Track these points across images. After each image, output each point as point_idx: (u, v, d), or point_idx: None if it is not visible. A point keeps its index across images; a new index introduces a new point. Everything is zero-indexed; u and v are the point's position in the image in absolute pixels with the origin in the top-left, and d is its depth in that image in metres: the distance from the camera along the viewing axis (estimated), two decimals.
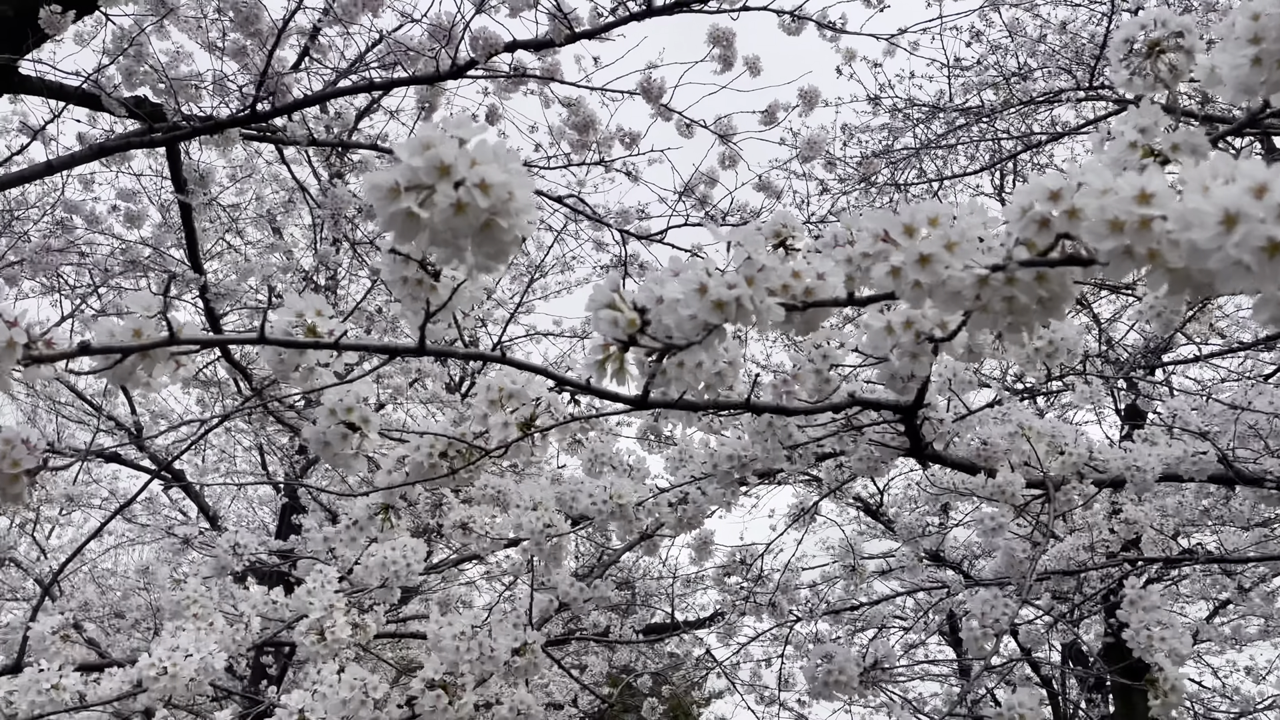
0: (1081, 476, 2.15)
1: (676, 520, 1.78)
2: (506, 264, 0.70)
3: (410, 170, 0.63)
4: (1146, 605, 1.56)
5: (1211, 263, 0.54)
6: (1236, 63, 0.86)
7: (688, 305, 0.75)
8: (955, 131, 4.78)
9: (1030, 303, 0.71)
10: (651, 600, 5.67)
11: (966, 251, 0.71)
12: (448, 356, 1.02)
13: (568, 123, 3.13)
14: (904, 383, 1.53)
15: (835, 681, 1.44)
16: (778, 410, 1.46)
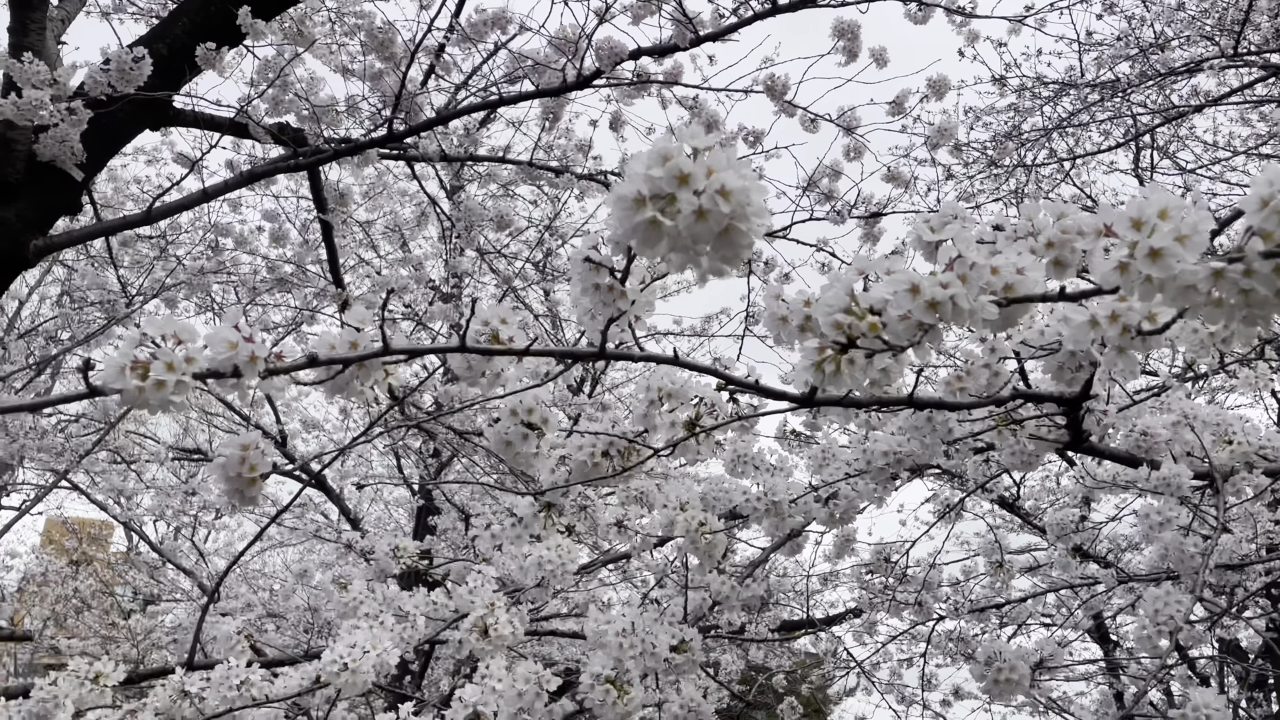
0: (1251, 466, 2.04)
1: (828, 516, 1.77)
2: (740, 264, 0.72)
3: (651, 180, 0.65)
4: None
5: None
6: None
7: (899, 306, 0.76)
8: (1088, 108, 4.59)
9: (1270, 295, 0.68)
10: (782, 598, 5.64)
11: (1198, 245, 0.69)
12: (625, 359, 1.05)
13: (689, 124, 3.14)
14: (1071, 374, 1.50)
15: (1007, 680, 1.42)
16: (940, 405, 1.44)
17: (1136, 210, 0.68)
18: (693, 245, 0.67)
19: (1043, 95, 4.80)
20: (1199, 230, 0.66)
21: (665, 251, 0.68)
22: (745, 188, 0.64)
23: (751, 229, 0.66)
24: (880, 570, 2.59)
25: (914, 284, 0.73)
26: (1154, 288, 0.68)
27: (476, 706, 1.53)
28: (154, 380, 0.73)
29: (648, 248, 0.68)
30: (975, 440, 1.76)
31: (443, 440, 5.72)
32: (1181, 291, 0.68)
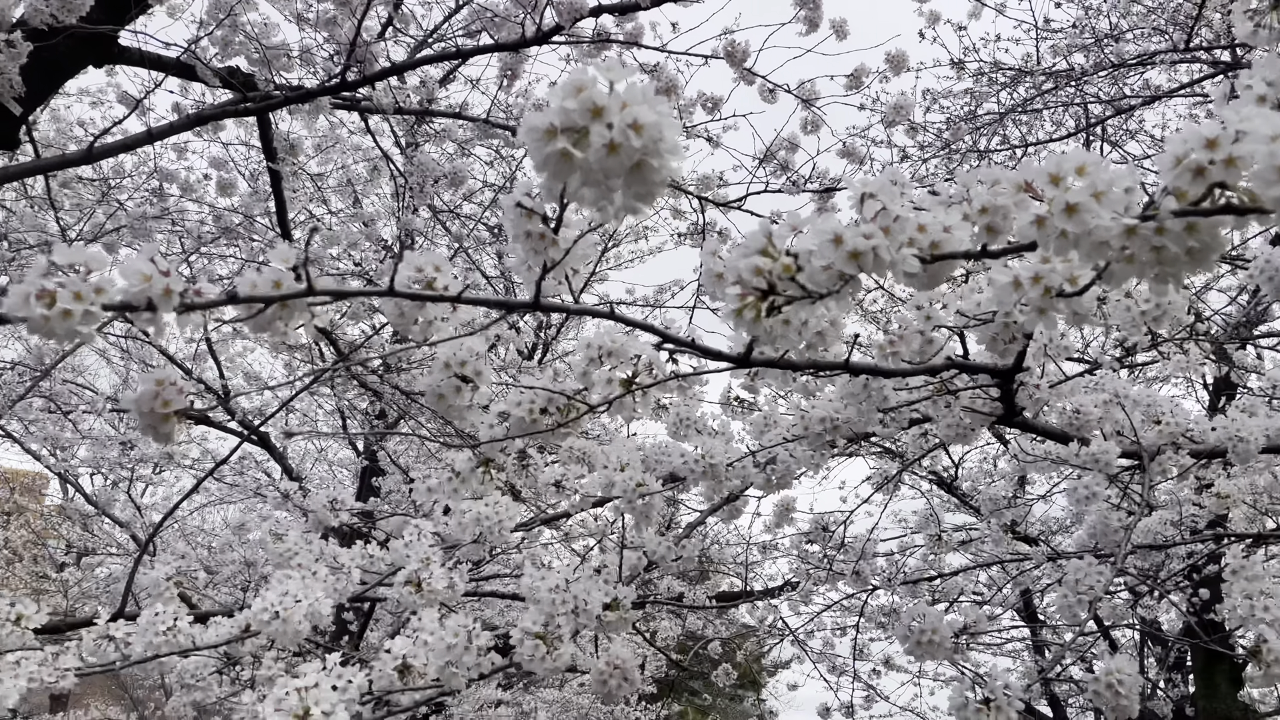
0: (1177, 447, 2.10)
1: (765, 481, 1.79)
2: (653, 205, 0.72)
3: (564, 112, 0.64)
4: (1249, 575, 1.53)
5: None
6: None
7: (822, 255, 0.76)
8: (1042, 96, 4.65)
9: (1180, 253, 0.70)
10: (722, 567, 5.70)
11: (1114, 201, 0.70)
12: (561, 311, 1.05)
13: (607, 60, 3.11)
14: (1004, 345, 1.52)
15: (929, 641, 1.45)
16: (875, 371, 1.46)
17: (1055, 165, 0.69)
18: (604, 180, 0.66)
19: (999, 81, 4.85)
20: (1115, 187, 0.67)
21: (577, 186, 0.67)
22: (658, 123, 0.64)
23: (664, 166, 0.66)
24: (818, 539, 2.63)
25: (837, 234, 0.74)
26: (1069, 243, 0.69)
27: (405, 658, 1.53)
28: (60, 309, 0.71)
29: (559, 181, 0.67)
30: (911, 410, 1.79)
31: (389, 400, 5.67)
32: (1096, 247, 0.69)
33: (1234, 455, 1.92)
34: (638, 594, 4.42)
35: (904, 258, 0.76)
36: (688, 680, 9.39)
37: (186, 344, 7.54)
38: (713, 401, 2.57)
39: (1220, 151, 0.64)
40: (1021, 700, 1.32)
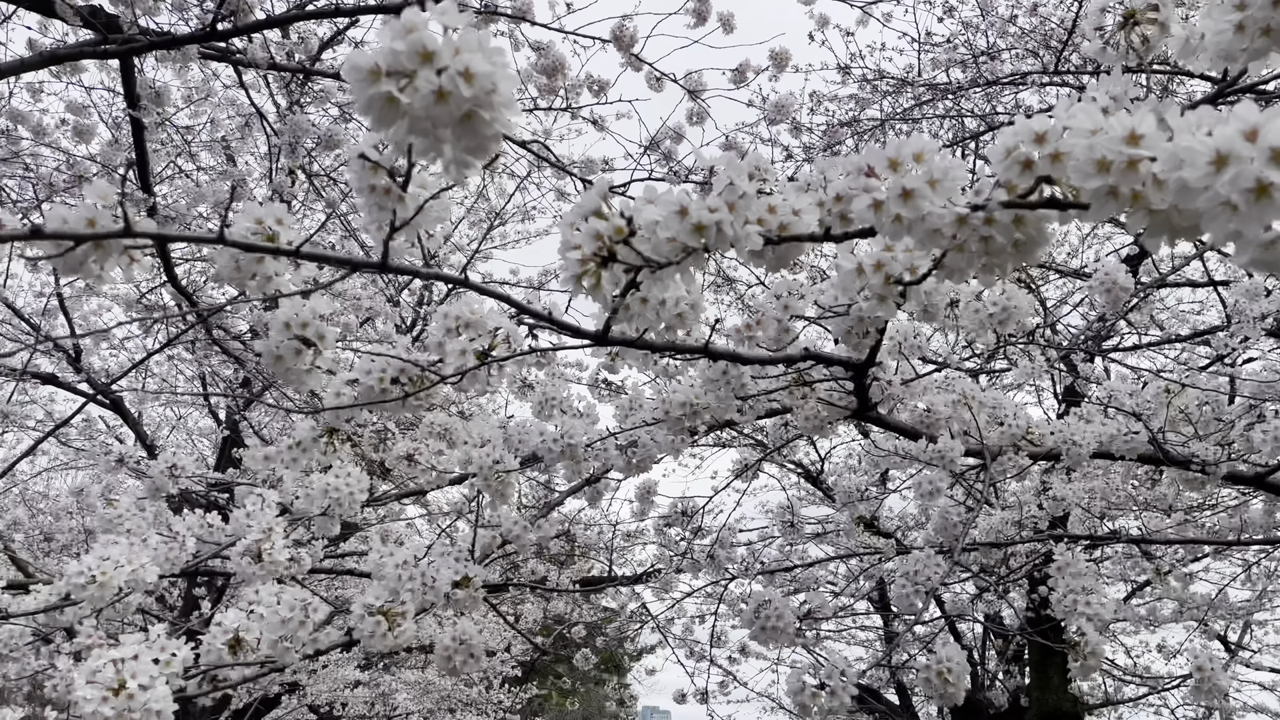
0: (1018, 449, 2.21)
1: (625, 463, 1.79)
2: (485, 161, 0.69)
3: (392, 53, 0.61)
4: (1073, 572, 1.61)
5: (1200, 202, 0.56)
6: (1220, 28, 0.88)
7: (667, 227, 0.76)
8: (921, 106, 4.80)
9: (1006, 244, 0.72)
10: (591, 553, 5.72)
11: (948, 189, 0.72)
12: (410, 274, 1.01)
13: (536, 66, 3.08)
14: (859, 339, 1.56)
15: (772, 627, 1.48)
16: (734, 358, 1.47)
17: (894, 151, 0.70)
18: (433, 130, 0.64)
19: (882, 89, 4.99)
20: (950, 176, 0.69)
21: (404, 134, 0.65)
22: (492, 74, 0.62)
23: (497, 119, 0.64)
24: (677, 523, 2.66)
25: (683, 205, 0.73)
26: (903, 228, 0.70)
27: (238, 631, 1.47)
28: None
29: (384, 126, 0.65)
30: (770, 400, 1.82)
31: (253, 369, 5.45)
32: (929, 234, 0.71)
33: (1067, 458, 2.03)
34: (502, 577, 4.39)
35: (748, 234, 0.77)
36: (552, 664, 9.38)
37: (36, 298, 7.08)
38: (581, 383, 2.56)
39: (1048, 146, 0.66)
40: (857, 686, 1.36)
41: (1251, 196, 0.51)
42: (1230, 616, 6.52)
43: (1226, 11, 0.83)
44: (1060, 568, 1.60)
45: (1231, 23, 0.83)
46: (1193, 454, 2.38)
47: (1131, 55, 1.23)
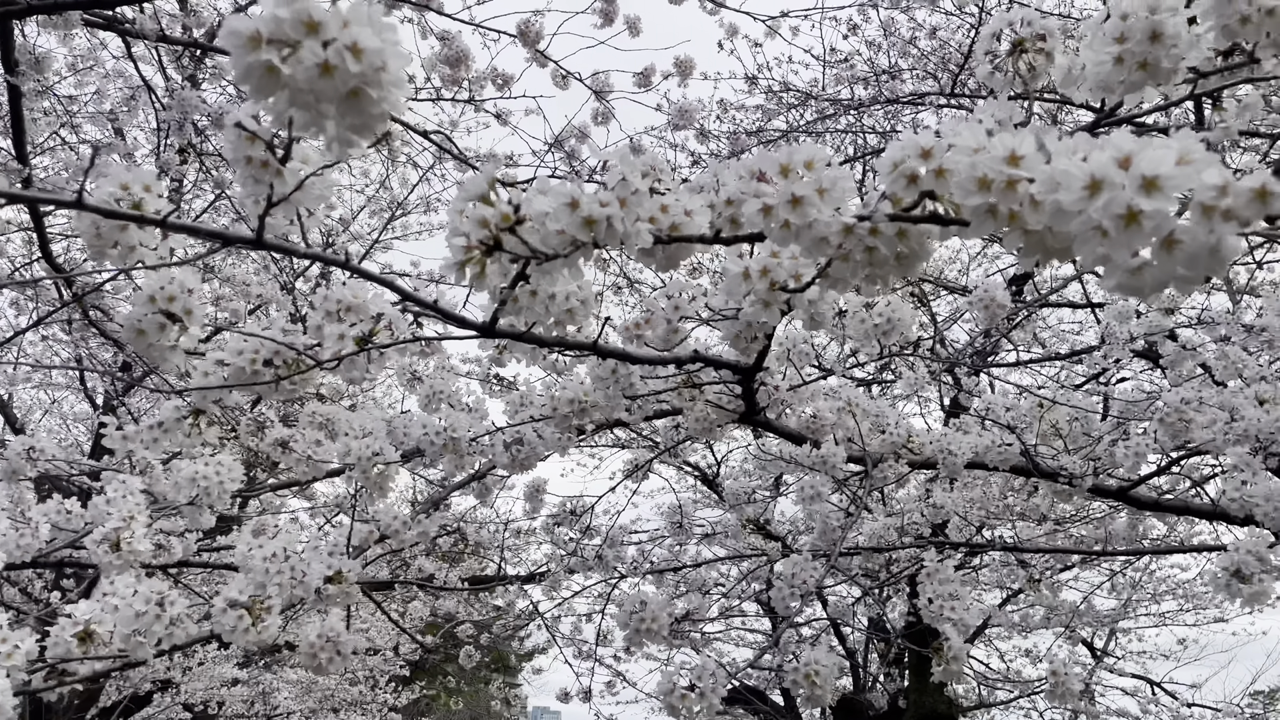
0: (898, 456, 2.27)
1: (510, 460, 1.77)
2: (370, 140, 0.67)
3: (275, 20, 0.59)
4: (941, 578, 1.66)
5: (1073, 225, 0.57)
6: (1100, 59, 0.91)
7: (557, 219, 0.75)
8: (824, 120, 4.91)
9: (889, 256, 0.74)
10: (484, 551, 5.65)
11: (837, 198, 0.73)
12: (286, 252, 0.98)
13: (440, 56, 3.03)
14: (746, 344, 1.57)
15: (647, 629, 1.48)
16: (623, 356, 1.47)
17: (786, 157, 0.71)
18: (315, 104, 0.61)
19: (787, 101, 5.08)
20: (838, 185, 0.70)
21: (285, 106, 0.62)
22: (381, 50, 0.60)
23: (384, 97, 0.62)
24: (565, 522, 2.64)
25: (574, 198, 0.73)
26: (791, 234, 0.71)
27: (89, 624, 1.39)
28: None
29: (263, 96, 0.62)
30: (659, 401, 1.82)
31: (132, 353, 5.21)
32: (816, 242, 0.72)
33: (943, 467, 2.09)
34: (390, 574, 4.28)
35: (638, 231, 0.76)
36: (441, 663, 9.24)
37: None
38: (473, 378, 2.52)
39: (933, 162, 0.67)
40: (744, 687, 1.37)
41: (1122, 222, 0.53)
42: (1096, 624, 6.85)
43: (1107, 44, 0.87)
44: (929, 574, 1.65)
45: (1111, 55, 0.87)
46: (1061, 467, 2.49)
47: (1018, 82, 1.27)
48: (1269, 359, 3.15)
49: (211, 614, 1.45)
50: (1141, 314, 3.26)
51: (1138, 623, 7.48)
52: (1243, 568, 1.45)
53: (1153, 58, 0.85)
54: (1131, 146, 0.54)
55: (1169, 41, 0.83)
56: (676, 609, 1.59)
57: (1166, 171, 0.52)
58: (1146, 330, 2.64)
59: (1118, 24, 0.85)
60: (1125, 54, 0.86)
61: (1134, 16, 0.84)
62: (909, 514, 3.54)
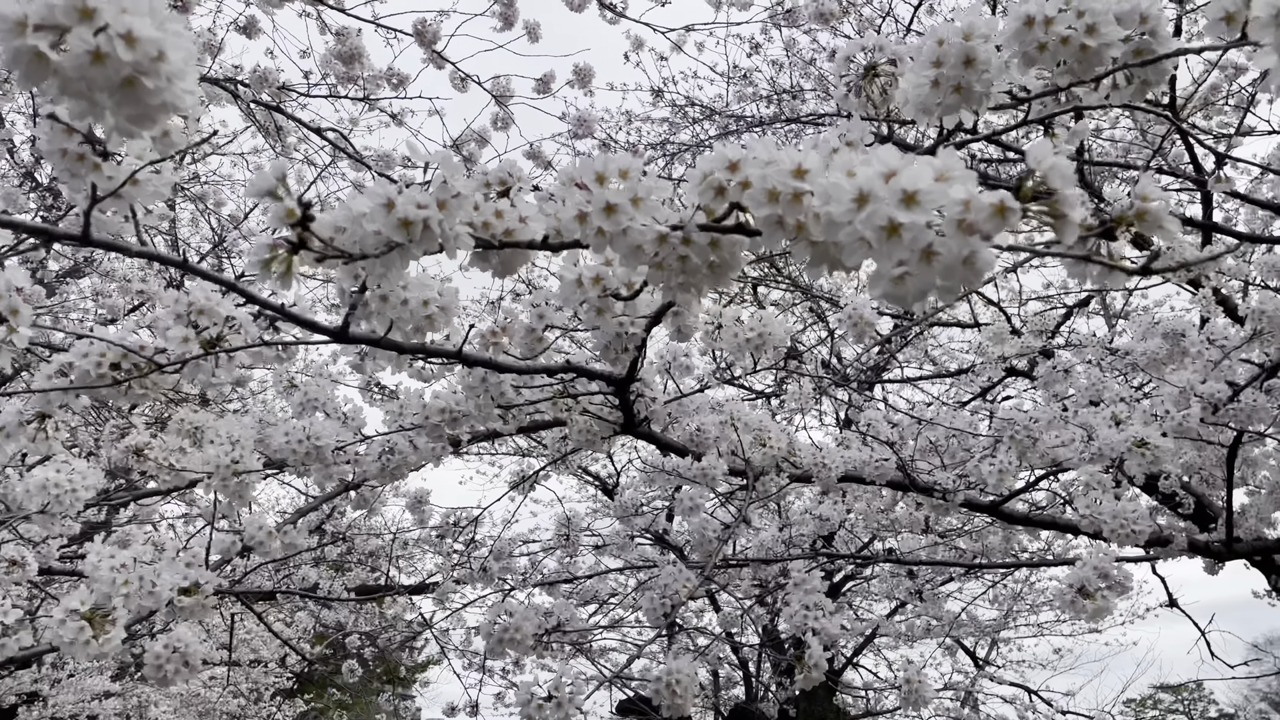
0: (779, 469, 2.30)
1: (380, 470, 1.73)
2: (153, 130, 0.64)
3: (46, 6, 0.56)
4: (808, 588, 1.69)
5: (841, 236, 0.59)
6: (919, 82, 0.94)
7: (373, 220, 0.73)
8: (727, 136, 4.97)
9: (702, 265, 0.74)
10: (375, 560, 5.54)
11: (651, 207, 0.73)
12: (116, 250, 0.94)
13: (333, 52, 2.97)
14: (616, 354, 1.58)
15: (510, 639, 1.46)
16: (490, 365, 1.45)
17: (601, 165, 0.71)
18: (89, 93, 0.59)
19: (691, 115, 5.14)
20: (653, 194, 0.70)
21: (56, 93, 0.59)
22: (159, 41, 0.58)
23: (162, 89, 0.60)
24: (449, 534, 2.60)
25: (390, 199, 0.71)
26: (605, 241, 0.71)
27: None
28: None
29: (32, 83, 0.59)
30: (535, 411, 1.81)
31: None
32: (632, 250, 0.72)
33: (818, 480, 2.13)
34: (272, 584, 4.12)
35: (458, 235, 0.75)
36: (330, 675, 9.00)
37: None
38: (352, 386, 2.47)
39: (740, 174, 0.68)
40: (637, 697, 1.36)
41: (884, 234, 0.55)
42: (979, 634, 7.08)
43: (925, 68, 0.90)
44: (797, 584, 1.68)
45: (928, 79, 0.90)
46: (936, 483, 2.56)
47: (870, 105, 1.30)
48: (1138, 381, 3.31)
49: (48, 624, 1.38)
50: (1018, 333, 3.39)
51: (1017, 633, 7.76)
52: (1085, 584, 1.51)
53: (966, 82, 0.88)
54: (896, 162, 0.55)
55: (981, 67, 0.87)
56: (547, 620, 1.58)
57: (925, 186, 0.54)
58: (1018, 351, 2.74)
59: (934, 49, 0.89)
60: (941, 78, 0.89)
61: (949, 42, 0.87)
62: (799, 525, 3.60)
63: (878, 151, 0.57)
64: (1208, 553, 2.89)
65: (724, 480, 2.19)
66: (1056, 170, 0.56)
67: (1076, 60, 0.83)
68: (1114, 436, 1.86)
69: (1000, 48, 0.86)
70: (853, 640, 7.26)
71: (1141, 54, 0.90)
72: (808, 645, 1.55)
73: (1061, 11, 0.83)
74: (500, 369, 1.47)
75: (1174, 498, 3.50)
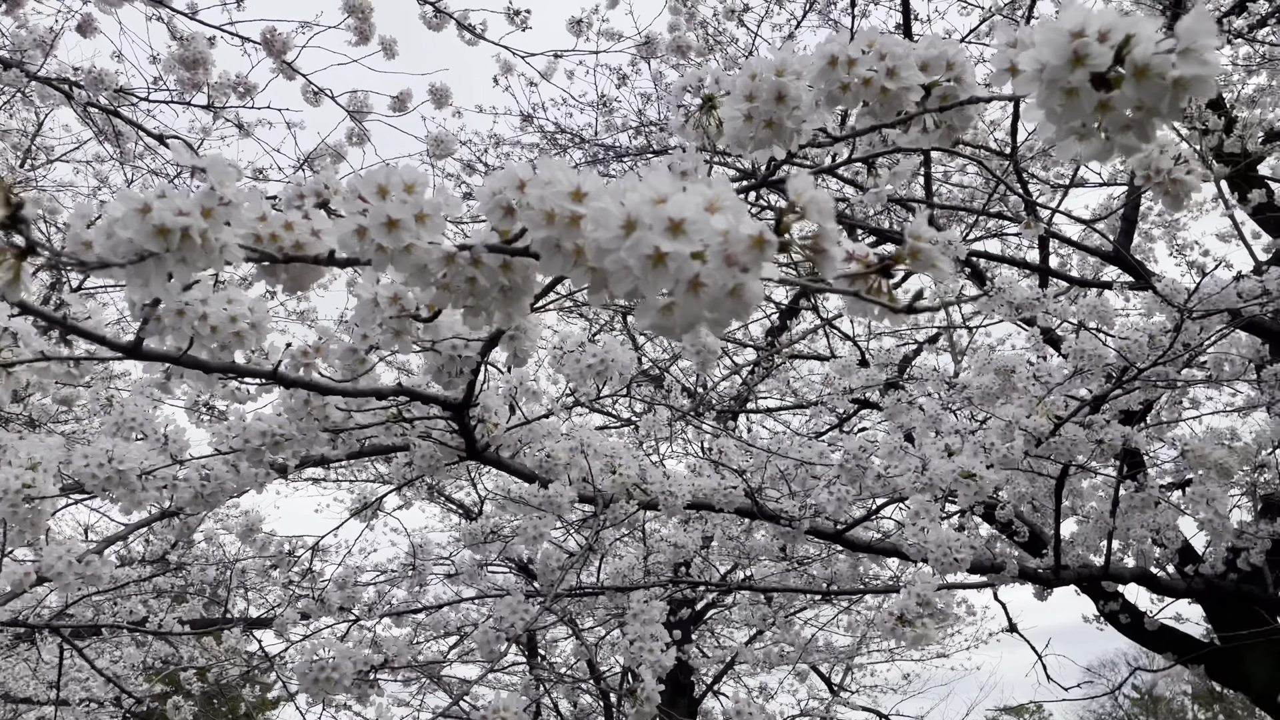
0: (630, 496, 2.29)
1: (194, 497, 1.63)
2: None
3: None
4: (645, 619, 1.67)
5: (607, 263, 0.57)
6: (733, 116, 0.94)
7: (126, 226, 0.67)
8: (596, 164, 4.99)
9: (491, 288, 0.71)
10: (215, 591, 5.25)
11: (438, 226, 0.70)
12: None
13: (177, 56, 2.82)
14: (450, 378, 1.53)
15: (327, 679, 1.39)
16: (311, 386, 1.38)
17: (384, 177, 0.67)
18: None
19: (561, 142, 5.13)
20: (440, 212, 0.67)
21: None
22: None
23: None
24: (283, 564, 2.48)
25: (146, 204, 0.66)
26: (387, 258, 0.67)
27: None
28: None
29: None
30: (366, 437, 1.74)
31: None
32: (416, 270, 0.69)
33: (664, 507, 2.13)
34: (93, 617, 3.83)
35: (226, 246, 0.70)
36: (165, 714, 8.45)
37: None
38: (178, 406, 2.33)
39: (529, 194, 0.66)
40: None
41: (649, 263, 0.53)
42: (833, 659, 7.24)
43: (738, 102, 0.90)
44: (635, 614, 1.66)
45: (741, 112, 0.90)
46: (783, 510, 2.60)
47: (705, 136, 1.31)
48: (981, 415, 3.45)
49: None
50: (867, 365, 3.50)
51: (870, 658, 7.97)
52: (905, 612, 1.54)
53: (777, 118, 0.89)
54: (666, 189, 0.54)
55: (792, 103, 0.88)
56: (373, 656, 1.50)
57: (691, 216, 0.53)
58: (863, 384, 2.82)
59: (747, 83, 0.89)
60: (754, 112, 0.90)
61: (761, 77, 0.88)
62: (655, 554, 3.60)
63: (649, 177, 0.55)
64: (1037, 579, 3.02)
65: (572, 508, 2.16)
66: (815, 204, 0.56)
67: (878, 102, 0.85)
68: (944, 467, 1.93)
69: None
70: (713, 668, 7.31)
71: (946, 99, 0.92)
72: (640, 678, 1.52)
73: (864, 54, 0.84)
74: (322, 391, 1.40)
75: (1010, 526, 3.67)
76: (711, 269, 0.52)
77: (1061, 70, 0.56)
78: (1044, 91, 0.58)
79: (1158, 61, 0.53)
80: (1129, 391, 2.85)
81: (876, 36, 0.84)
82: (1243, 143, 4.75)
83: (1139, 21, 0.55)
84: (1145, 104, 0.55)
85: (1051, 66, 0.56)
